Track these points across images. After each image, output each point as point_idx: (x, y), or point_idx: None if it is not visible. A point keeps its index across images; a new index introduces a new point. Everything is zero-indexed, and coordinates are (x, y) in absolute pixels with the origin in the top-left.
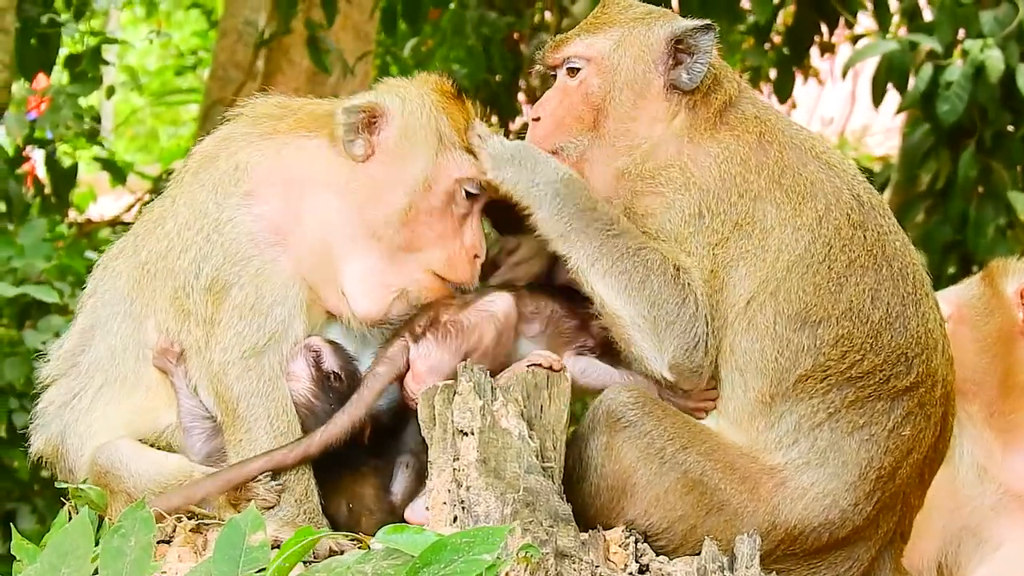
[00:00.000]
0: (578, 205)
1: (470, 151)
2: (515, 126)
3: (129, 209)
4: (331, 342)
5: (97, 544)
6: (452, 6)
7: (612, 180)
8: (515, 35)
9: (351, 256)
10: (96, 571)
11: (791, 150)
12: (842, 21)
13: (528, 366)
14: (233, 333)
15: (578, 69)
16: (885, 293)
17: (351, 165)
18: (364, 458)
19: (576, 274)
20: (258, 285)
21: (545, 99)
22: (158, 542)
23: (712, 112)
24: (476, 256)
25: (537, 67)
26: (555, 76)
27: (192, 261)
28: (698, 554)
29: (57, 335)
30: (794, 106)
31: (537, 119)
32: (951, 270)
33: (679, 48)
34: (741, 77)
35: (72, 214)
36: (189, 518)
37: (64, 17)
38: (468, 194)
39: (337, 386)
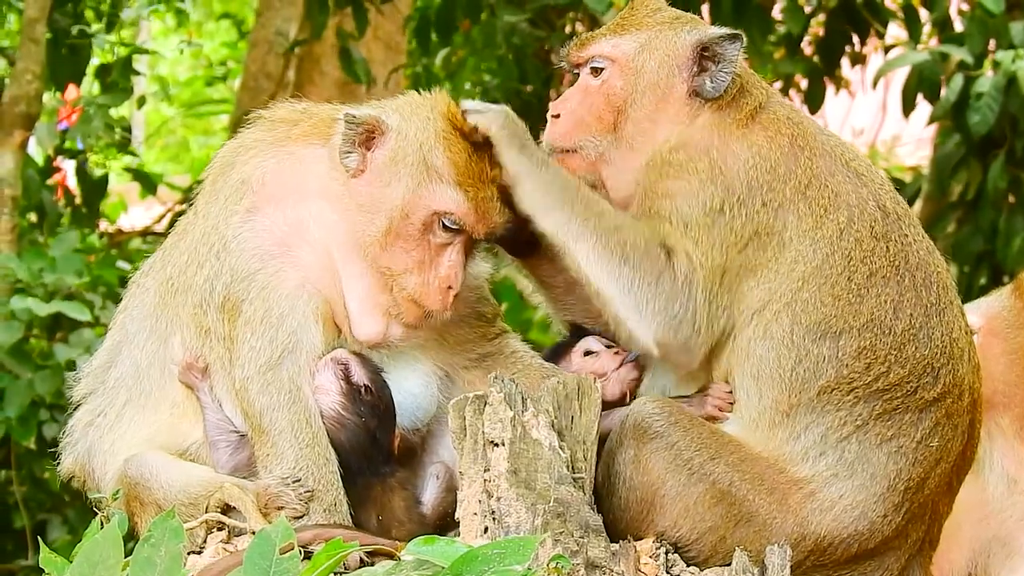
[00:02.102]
0: (565, 181)
1: (459, 184)
2: None
3: (159, 220)
4: (358, 354)
5: (127, 554)
6: (483, 16)
7: (631, 178)
8: (546, 46)
9: (350, 270)
10: None
11: (821, 157)
12: (873, 31)
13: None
14: (248, 348)
15: (602, 69)
16: (908, 304)
17: (346, 177)
18: (394, 469)
19: (561, 253)
20: (266, 298)
21: (566, 97)
22: (189, 552)
23: (743, 115)
24: (449, 287)
25: (562, 64)
26: (579, 74)
27: (206, 279)
28: (728, 565)
29: (88, 349)
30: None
31: (556, 116)
32: (982, 280)
33: (704, 55)
34: (771, 86)
35: (103, 224)
36: (219, 529)
37: (95, 28)
38: (447, 227)
39: (368, 399)
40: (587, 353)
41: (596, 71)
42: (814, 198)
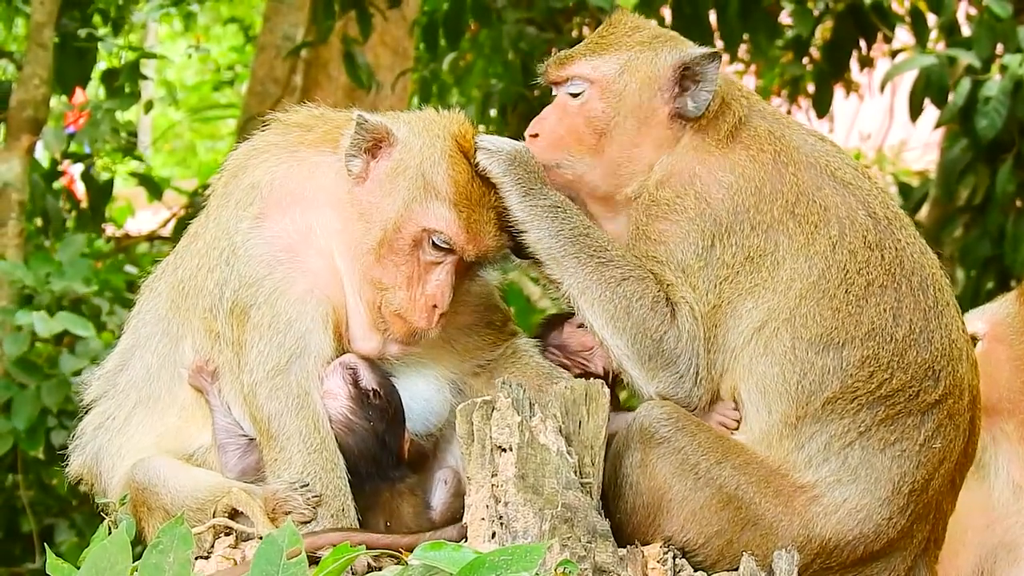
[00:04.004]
0: (574, 229)
1: (454, 204)
2: None
3: (166, 224)
4: (367, 358)
5: (135, 559)
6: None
7: (613, 204)
8: (553, 50)
9: (350, 281)
10: None
11: (807, 171)
12: (880, 36)
13: None
14: (256, 353)
15: (580, 92)
16: (907, 310)
17: (351, 184)
18: (403, 474)
19: (568, 300)
20: (273, 304)
21: (543, 116)
22: (196, 558)
23: (722, 135)
24: (435, 306)
25: (539, 80)
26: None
27: (216, 284)
28: (736, 569)
29: (94, 359)
30: (831, 120)
31: (535, 135)
32: (989, 285)
33: (685, 75)
34: (751, 93)
35: (110, 229)
36: (227, 534)
37: (102, 32)
38: (436, 246)
39: (376, 403)
40: (581, 325)
41: (575, 93)
42: (803, 215)
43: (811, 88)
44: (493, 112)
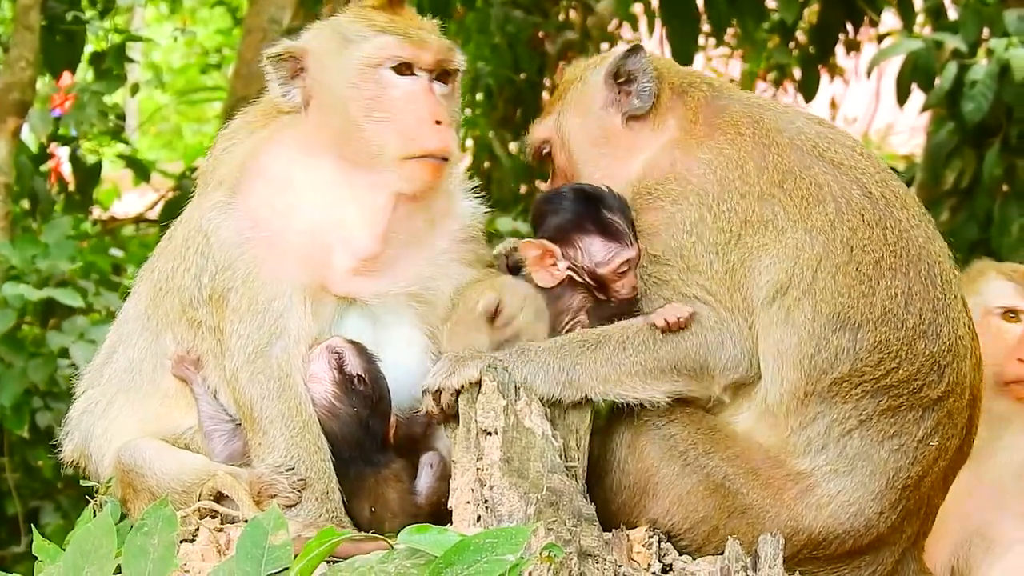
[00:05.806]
0: (570, 353)
1: (383, 31)
2: None
3: (152, 207)
4: (354, 343)
5: (120, 543)
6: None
7: None
8: (540, 33)
9: (338, 193)
10: (119, 569)
11: (791, 152)
12: (867, 20)
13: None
14: (236, 337)
15: (548, 151)
16: (917, 298)
17: (302, 122)
18: (388, 459)
19: (603, 403)
20: (249, 286)
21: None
22: (181, 541)
23: (697, 121)
24: (438, 122)
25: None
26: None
27: (194, 278)
28: (721, 554)
29: (81, 336)
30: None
31: None
32: None
33: (619, 81)
34: (716, 79)
35: (96, 211)
36: (212, 517)
37: (89, 15)
38: (398, 70)
39: (361, 389)
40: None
41: (546, 154)
42: (793, 190)
43: (797, 73)
44: (480, 96)
